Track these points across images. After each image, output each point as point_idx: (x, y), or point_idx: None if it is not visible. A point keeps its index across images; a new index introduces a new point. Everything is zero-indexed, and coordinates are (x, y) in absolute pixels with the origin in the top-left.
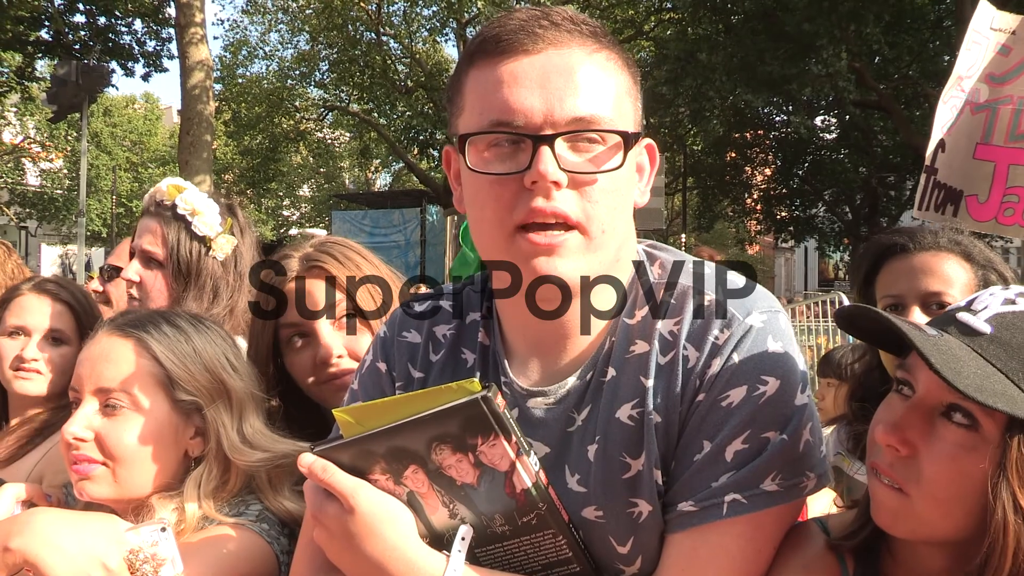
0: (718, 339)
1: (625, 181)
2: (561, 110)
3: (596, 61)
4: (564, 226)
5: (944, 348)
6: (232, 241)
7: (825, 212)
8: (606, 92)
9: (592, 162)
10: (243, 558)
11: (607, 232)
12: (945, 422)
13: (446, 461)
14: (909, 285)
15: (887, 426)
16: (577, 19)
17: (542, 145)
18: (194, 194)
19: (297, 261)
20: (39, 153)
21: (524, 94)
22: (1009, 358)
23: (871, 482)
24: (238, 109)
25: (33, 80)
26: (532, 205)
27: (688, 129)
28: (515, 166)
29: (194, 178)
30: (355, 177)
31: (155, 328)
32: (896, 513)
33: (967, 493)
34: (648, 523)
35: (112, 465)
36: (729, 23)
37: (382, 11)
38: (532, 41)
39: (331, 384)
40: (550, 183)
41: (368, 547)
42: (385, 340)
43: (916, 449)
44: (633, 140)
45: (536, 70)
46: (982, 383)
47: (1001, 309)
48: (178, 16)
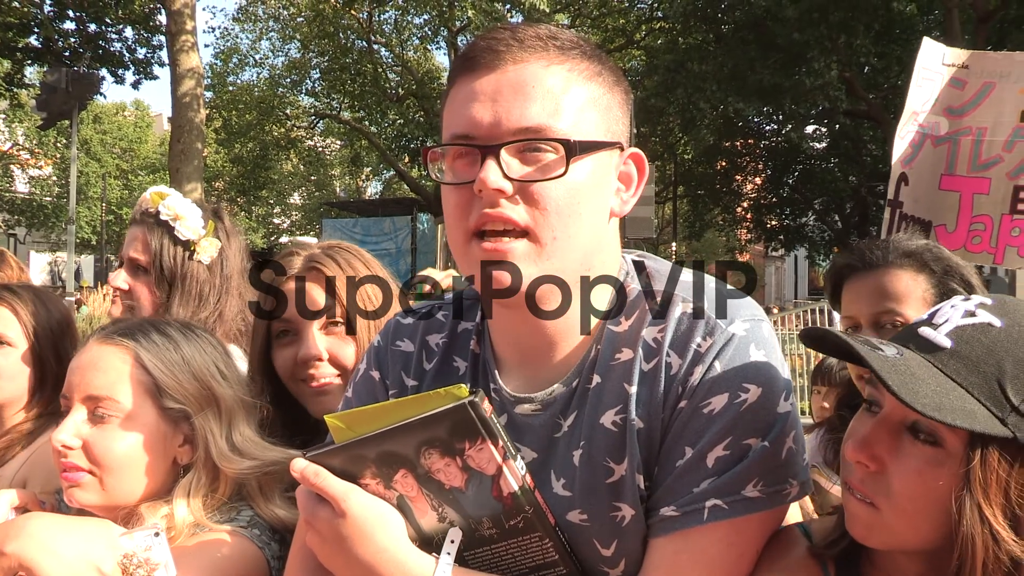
0: (700, 346)
1: (584, 189)
2: (508, 121)
3: (553, 73)
4: (515, 233)
5: (902, 367)
6: (217, 244)
7: (815, 221)
8: (560, 103)
9: (540, 171)
10: (235, 563)
11: (559, 239)
12: (911, 438)
13: (435, 465)
14: (859, 307)
15: (856, 442)
16: (546, 35)
17: (488, 155)
18: (176, 199)
19: (300, 260)
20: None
21: (478, 108)
22: (969, 372)
23: (845, 496)
24: (229, 117)
25: (22, 87)
26: (482, 211)
27: (679, 138)
28: (471, 176)
29: (184, 186)
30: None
31: (144, 336)
32: (868, 525)
33: (934, 506)
34: (631, 527)
35: (99, 473)
36: (720, 33)
37: (373, 19)
38: (493, 58)
39: (307, 385)
40: (493, 191)
41: (359, 550)
42: (379, 349)
43: (884, 464)
44: (589, 148)
45: (492, 85)
46: (941, 401)
47: (961, 322)
48: (169, 23)
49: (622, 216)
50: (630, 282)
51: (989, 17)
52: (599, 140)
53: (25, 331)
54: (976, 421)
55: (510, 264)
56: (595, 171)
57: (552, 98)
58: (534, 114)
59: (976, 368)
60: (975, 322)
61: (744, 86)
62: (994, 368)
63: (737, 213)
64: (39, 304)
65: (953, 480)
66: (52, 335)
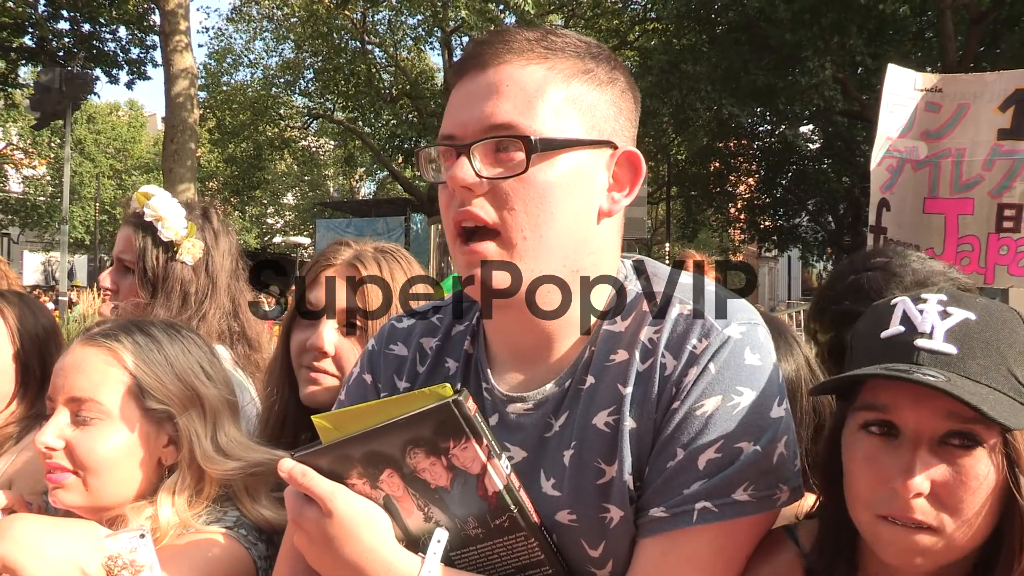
0: (696, 348)
1: (556, 188)
2: (480, 120)
3: (530, 72)
4: (488, 234)
5: (960, 386)
6: (200, 245)
7: (808, 221)
8: (532, 101)
9: (508, 169)
10: (222, 564)
11: (529, 239)
12: (948, 448)
13: (420, 465)
14: None
15: (898, 472)
16: (536, 37)
17: (461, 154)
18: (161, 200)
19: (347, 254)
20: (22, 160)
21: (459, 109)
22: (986, 370)
23: (883, 531)
24: (223, 117)
25: (16, 86)
26: (457, 209)
27: (672, 138)
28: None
29: (178, 186)
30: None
31: (127, 337)
32: (928, 552)
33: (990, 506)
34: (619, 529)
35: (83, 474)
36: (713, 34)
37: (367, 20)
38: (478, 62)
39: (307, 374)
40: (461, 188)
41: (346, 550)
42: (372, 353)
43: (933, 483)
44: (558, 146)
45: (474, 86)
46: (992, 407)
47: (946, 325)
48: (163, 23)
49: (611, 215)
50: (628, 284)
51: (982, 18)
52: (575, 138)
53: (10, 335)
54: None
55: (485, 270)
56: (572, 170)
57: (524, 96)
58: (503, 112)
59: (989, 364)
60: (957, 321)
61: (738, 87)
62: (999, 359)
63: (730, 214)
64: (25, 309)
65: (997, 472)
66: (38, 340)
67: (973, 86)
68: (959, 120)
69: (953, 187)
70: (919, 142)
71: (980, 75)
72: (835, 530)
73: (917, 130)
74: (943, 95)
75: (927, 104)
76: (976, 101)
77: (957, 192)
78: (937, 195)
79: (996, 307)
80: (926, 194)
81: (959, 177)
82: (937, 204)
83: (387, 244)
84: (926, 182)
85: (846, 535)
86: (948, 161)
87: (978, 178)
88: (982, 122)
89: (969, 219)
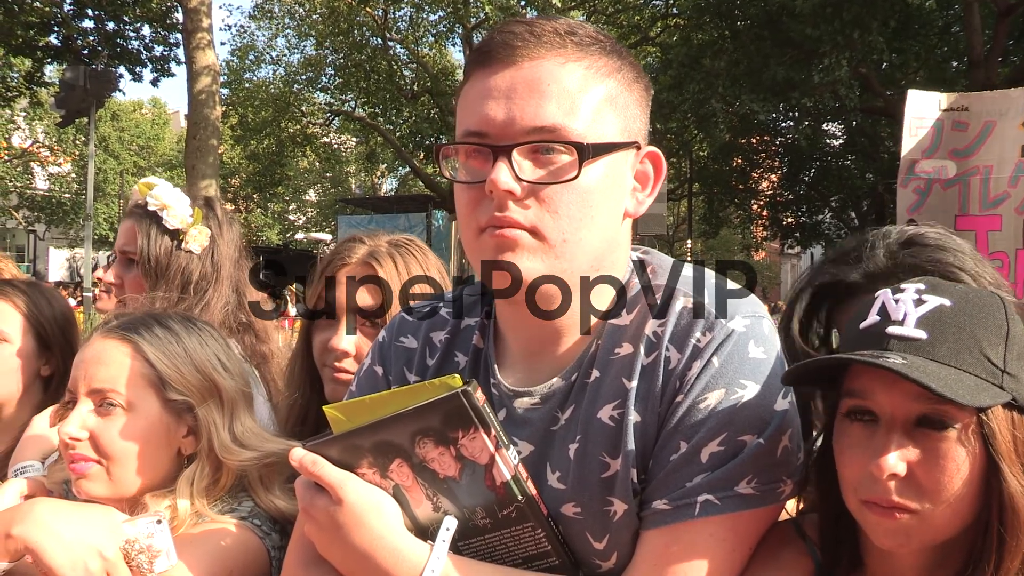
0: (699, 341)
1: (597, 192)
2: (522, 120)
3: (570, 71)
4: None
5: (921, 368)
6: (206, 232)
7: (831, 218)
8: (576, 102)
9: (552, 173)
10: (236, 552)
11: (569, 242)
12: (923, 431)
13: (429, 455)
14: None
15: (874, 456)
16: (564, 30)
17: (500, 155)
18: (164, 189)
19: (362, 251)
20: (47, 157)
21: (492, 106)
22: (956, 354)
23: (868, 515)
24: (245, 114)
25: (42, 85)
26: (492, 212)
27: (694, 135)
28: (483, 175)
29: (200, 182)
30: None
31: (147, 330)
32: (909, 533)
33: (969, 487)
34: (622, 522)
35: (107, 464)
36: (735, 29)
37: (388, 16)
38: (509, 54)
39: (331, 373)
40: (503, 192)
41: (356, 537)
42: (383, 345)
43: (911, 466)
44: (604, 151)
45: (507, 82)
46: (957, 388)
47: (919, 312)
48: (185, 21)
49: (636, 216)
50: (632, 279)
51: (1011, 11)
52: (615, 141)
53: (25, 325)
54: (990, 396)
55: (510, 264)
56: (609, 172)
57: (568, 97)
58: (549, 113)
59: (959, 348)
60: (930, 308)
61: (759, 83)
62: (971, 343)
63: (753, 210)
64: (40, 298)
65: (976, 454)
66: (58, 326)
67: (999, 103)
68: (986, 138)
69: (982, 204)
70: (947, 161)
71: (1005, 92)
72: (834, 521)
73: (944, 149)
74: (969, 113)
75: (954, 123)
76: (1002, 119)
77: (986, 209)
78: (968, 212)
79: (976, 293)
80: (957, 212)
81: (987, 194)
82: (967, 221)
83: (400, 236)
84: (956, 200)
85: (846, 526)
86: (977, 179)
87: (1005, 195)
88: (1007, 139)
89: (998, 235)
